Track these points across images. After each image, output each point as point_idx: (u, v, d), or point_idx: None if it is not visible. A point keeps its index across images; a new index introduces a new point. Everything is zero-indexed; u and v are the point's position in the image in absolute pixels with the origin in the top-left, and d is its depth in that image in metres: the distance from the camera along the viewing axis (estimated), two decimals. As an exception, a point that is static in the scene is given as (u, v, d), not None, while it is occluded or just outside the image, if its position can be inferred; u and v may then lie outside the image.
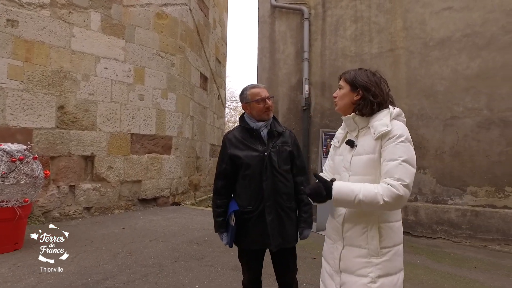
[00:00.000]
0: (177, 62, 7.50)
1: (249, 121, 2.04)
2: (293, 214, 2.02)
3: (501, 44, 4.52)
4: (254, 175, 1.94)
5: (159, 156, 7.11)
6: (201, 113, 9.13)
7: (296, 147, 2.08)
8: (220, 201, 2.03)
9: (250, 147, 1.98)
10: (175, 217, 6.03)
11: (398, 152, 1.36)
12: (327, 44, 5.96)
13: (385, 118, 1.45)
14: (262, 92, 2.01)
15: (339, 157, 1.60)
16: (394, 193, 1.31)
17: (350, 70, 1.60)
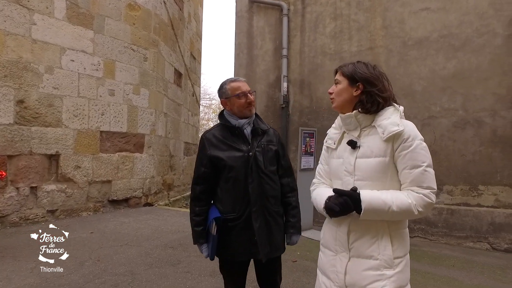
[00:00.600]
0: (150, 57, 7.15)
1: (230, 118, 1.86)
2: (281, 219, 1.87)
3: (475, 46, 4.61)
4: (238, 178, 1.76)
5: (130, 155, 6.76)
6: (175, 110, 8.81)
7: (281, 146, 1.93)
8: (199, 208, 1.83)
9: (233, 147, 1.79)
10: (148, 219, 5.74)
11: (420, 157, 1.28)
12: (306, 41, 5.87)
13: (394, 116, 1.33)
14: (243, 86, 1.83)
15: (337, 160, 1.46)
16: (427, 202, 1.26)
17: (347, 63, 1.47)
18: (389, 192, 1.28)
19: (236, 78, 1.89)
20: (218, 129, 1.87)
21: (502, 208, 4.42)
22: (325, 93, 5.68)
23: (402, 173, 1.29)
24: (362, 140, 1.37)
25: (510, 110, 4.41)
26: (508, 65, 4.45)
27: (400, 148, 1.28)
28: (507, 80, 4.45)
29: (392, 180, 1.31)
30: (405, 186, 1.29)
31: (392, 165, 1.31)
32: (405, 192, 1.28)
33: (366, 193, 1.28)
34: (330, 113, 5.63)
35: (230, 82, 1.87)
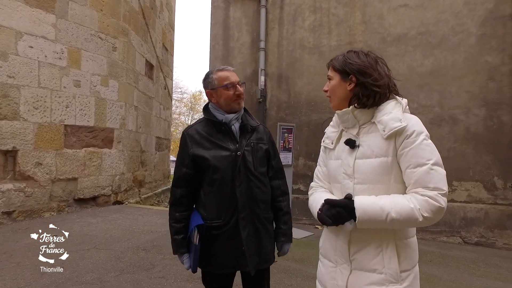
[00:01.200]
0: (120, 46, 6.73)
1: (216, 112, 1.66)
2: (271, 226, 1.70)
3: (451, 44, 4.67)
4: (224, 180, 1.57)
5: (99, 150, 6.35)
6: (147, 103, 8.41)
7: (272, 145, 1.75)
8: (179, 213, 1.62)
9: (219, 145, 1.60)
10: (118, 219, 5.41)
11: (424, 154, 1.11)
12: (285, 34, 5.73)
13: (395, 110, 1.19)
14: (232, 76, 1.64)
15: (335, 162, 1.32)
16: (435, 206, 1.07)
17: (338, 56, 1.32)
18: (389, 197, 1.14)
19: (225, 67, 1.69)
20: (202, 124, 1.67)
21: (474, 203, 4.54)
22: (303, 88, 5.59)
23: (405, 173, 1.14)
24: (361, 139, 1.24)
25: (482, 108, 4.52)
26: (481, 64, 4.56)
27: (403, 145, 1.13)
28: (479, 79, 4.55)
29: (396, 182, 1.17)
30: (410, 188, 1.14)
31: (395, 165, 1.17)
32: (408, 195, 1.13)
33: (361, 200, 1.15)
34: (308, 108, 5.56)
35: (218, 71, 1.67)
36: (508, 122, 4.41)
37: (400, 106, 1.21)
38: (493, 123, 4.45)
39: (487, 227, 4.46)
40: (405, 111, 1.22)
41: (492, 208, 4.44)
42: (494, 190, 4.44)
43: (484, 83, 4.51)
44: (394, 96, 1.25)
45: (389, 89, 1.24)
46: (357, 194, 1.21)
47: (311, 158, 5.50)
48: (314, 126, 5.50)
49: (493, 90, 4.48)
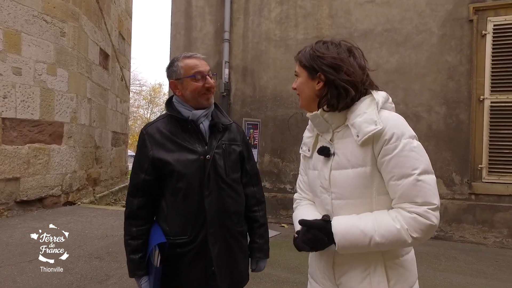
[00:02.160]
0: (69, 32, 6.11)
1: (181, 107, 1.41)
2: (245, 240, 1.49)
3: (415, 42, 4.74)
4: (191, 189, 1.34)
5: (45, 147, 5.75)
6: (101, 95, 7.80)
7: (246, 146, 1.53)
8: (137, 228, 1.37)
9: (184, 147, 1.36)
10: (68, 222, 4.93)
11: (408, 162, 0.94)
12: (250, 26, 5.51)
13: (370, 110, 1.00)
14: (201, 65, 1.39)
15: (313, 172, 1.14)
16: (425, 225, 0.92)
17: (306, 48, 1.11)
18: (371, 216, 0.98)
19: (193, 54, 1.44)
20: (165, 121, 1.42)
21: (434, 198, 4.68)
22: (269, 82, 5.42)
23: (389, 185, 0.98)
24: (336, 146, 1.06)
25: (443, 106, 4.64)
26: (442, 63, 4.67)
27: (382, 152, 0.96)
28: (440, 78, 4.66)
29: (380, 194, 1.01)
30: (394, 203, 0.98)
31: (377, 175, 1.00)
32: (393, 212, 0.97)
33: (340, 223, 0.98)
34: (274, 103, 5.41)
35: (185, 58, 1.41)
36: (465, 120, 4.56)
37: (374, 104, 1.02)
38: (452, 121, 4.59)
39: (446, 221, 4.62)
40: (383, 108, 1.04)
41: (450, 203, 4.60)
42: (452, 186, 4.59)
43: (445, 82, 4.63)
44: (370, 91, 1.06)
45: (364, 85, 1.06)
46: (336, 211, 1.04)
47: (277, 154, 5.38)
48: (280, 122, 5.37)
49: (452, 89, 4.61)
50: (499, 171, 4.45)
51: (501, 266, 3.77)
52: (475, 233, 4.51)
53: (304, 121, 5.19)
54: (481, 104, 4.49)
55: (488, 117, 4.47)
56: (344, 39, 1.11)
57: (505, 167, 4.42)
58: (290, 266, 3.48)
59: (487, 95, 4.47)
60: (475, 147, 4.50)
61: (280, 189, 5.32)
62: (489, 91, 4.47)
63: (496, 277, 3.44)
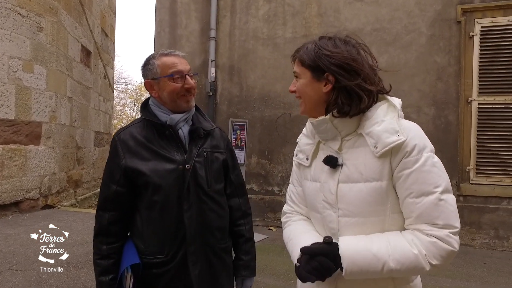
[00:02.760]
0: (47, 27, 5.83)
1: (158, 111, 1.27)
2: (229, 257, 1.36)
3: (404, 42, 4.69)
4: (168, 203, 1.21)
5: (22, 148, 5.47)
6: (83, 94, 7.52)
7: (230, 154, 1.40)
8: (107, 246, 1.24)
9: (161, 156, 1.22)
10: (46, 227, 4.67)
11: (430, 179, 0.85)
12: (237, 23, 5.37)
13: (389, 117, 0.91)
14: (180, 64, 1.25)
15: (313, 184, 1.02)
16: (446, 251, 0.82)
17: (306, 45, 0.99)
18: (384, 238, 0.87)
19: (171, 51, 1.29)
20: (140, 126, 1.28)
21: (423, 200, 4.65)
22: (256, 81, 5.29)
23: (405, 202, 0.88)
24: (345, 156, 0.95)
25: (432, 107, 4.61)
26: (430, 64, 4.64)
27: (402, 165, 0.87)
28: (429, 78, 4.63)
29: (394, 212, 0.90)
30: (410, 223, 0.88)
31: (392, 191, 0.90)
32: (409, 234, 0.86)
33: (348, 245, 0.87)
34: (261, 103, 5.28)
35: (162, 55, 1.27)
36: (453, 121, 4.54)
37: (395, 110, 0.93)
38: (441, 122, 4.56)
39: (434, 223, 4.60)
40: (399, 116, 0.94)
41: (439, 204, 4.58)
42: (441, 187, 4.57)
43: (434, 82, 4.60)
44: (384, 95, 0.97)
45: (378, 86, 0.95)
46: (342, 229, 0.92)
47: (265, 156, 5.26)
48: (267, 122, 5.25)
49: (441, 90, 4.59)
50: (486, 173, 4.45)
51: (489, 268, 3.76)
52: (463, 234, 4.50)
53: (293, 122, 5.08)
54: (469, 105, 4.48)
55: (476, 118, 4.46)
56: (349, 34, 0.98)
57: (492, 169, 4.42)
58: (278, 272, 3.37)
59: (475, 96, 4.46)
60: (463, 148, 4.49)
61: (267, 191, 5.21)
62: (477, 93, 4.46)
63: (485, 280, 3.43)
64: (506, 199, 4.39)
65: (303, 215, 1.11)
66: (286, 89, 5.25)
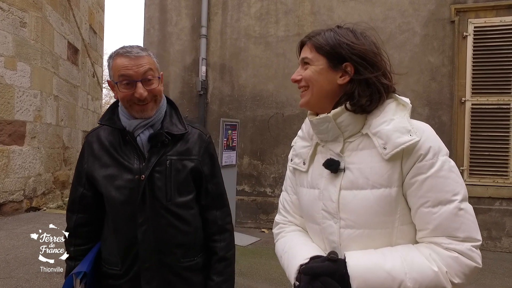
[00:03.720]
0: (31, 22, 5.62)
1: (122, 114, 1.16)
2: (197, 277, 1.20)
3: (398, 42, 4.64)
4: (120, 215, 1.12)
5: (4, 148, 5.27)
6: (70, 93, 7.31)
7: (208, 160, 1.22)
8: (75, 248, 1.21)
9: (120, 163, 1.13)
10: (29, 231, 4.50)
11: (448, 185, 0.76)
12: (229, 21, 5.25)
13: (398, 116, 0.82)
14: (132, 66, 1.07)
15: (310, 192, 0.92)
16: (469, 267, 0.74)
17: (321, 31, 0.90)
18: (397, 253, 0.77)
19: (127, 51, 1.09)
20: (108, 129, 1.18)
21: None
22: (248, 80, 5.18)
23: (418, 213, 0.79)
24: (348, 160, 0.85)
25: (426, 107, 4.57)
26: (424, 64, 4.60)
27: (415, 170, 0.78)
28: (423, 78, 4.59)
29: (403, 224, 0.81)
30: (424, 236, 0.79)
31: (402, 199, 0.81)
32: (426, 249, 0.77)
33: (358, 261, 0.77)
34: (253, 102, 5.18)
35: (116, 55, 1.11)
36: (447, 121, 4.51)
37: (405, 109, 0.84)
38: (435, 122, 4.53)
39: (428, 225, 4.57)
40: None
41: (432, 206, 4.55)
42: (434, 188, 4.54)
43: (427, 83, 4.57)
44: (392, 94, 0.88)
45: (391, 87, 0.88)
46: (345, 243, 0.82)
47: (257, 156, 5.16)
48: (259, 122, 5.15)
49: (435, 90, 4.55)
50: (479, 173, 4.43)
51: (483, 270, 3.70)
52: (456, 236, 4.48)
53: (285, 122, 4.99)
54: (462, 106, 4.45)
55: (470, 119, 4.44)
56: (365, 30, 0.90)
57: (485, 169, 4.41)
58: (271, 277, 3.27)
59: (468, 97, 4.44)
60: (456, 149, 4.46)
61: (260, 193, 5.10)
62: (470, 93, 4.43)
63: (480, 282, 3.39)
64: (498, 199, 4.37)
65: (297, 225, 1.01)
66: (279, 89, 5.17)
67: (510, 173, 4.34)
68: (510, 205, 4.35)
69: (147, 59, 1.10)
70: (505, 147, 4.33)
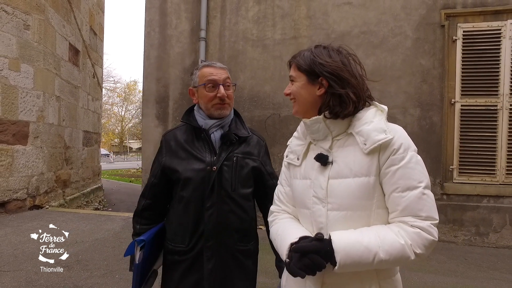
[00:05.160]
0: (34, 25, 5.76)
1: (198, 115, 1.40)
2: (249, 260, 1.41)
3: (391, 45, 4.81)
4: (192, 199, 1.33)
5: (8, 148, 5.41)
6: (71, 93, 7.45)
7: (268, 160, 1.49)
8: (140, 226, 1.45)
9: (194, 156, 1.36)
10: (34, 228, 4.65)
11: (415, 175, 0.94)
12: (227, 24, 5.40)
13: (377, 119, 1.00)
14: (217, 73, 1.37)
15: (302, 182, 1.08)
16: (428, 240, 0.91)
17: (302, 52, 1.08)
18: (372, 231, 0.94)
19: (212, 63, 1.42)
20: (183, 129, 1.43)
21: (408, 198, 4.78)
22: (246, 82, 5.34)
23: (390, 197, 0.96)
24: (335, 154, 1.03)
25: (417, 108, 4.74)
26: (416, 66, 4.77)
27: (389, 162, 0.95)
28: (415, 80, 4.76)
29: (379, 208, 0.98)
30: (395, 216, 0.96)
31: (378, 187, 0.98)
32: (395, 227, 0.94)
33: (341, 239, 0.93)
34: (251, 103, 5.34)
35: (203, 66, 1.41)
36: (438, 122, 4.68)
37: (382, 114, 1.02)
38: (426, 123, 4.70)
39: (419, 221, 4.73)
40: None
41: (423, 203, 4.72)
42: (425, 186, 4.71)
43: (419, 84, 4.73)
44: (374, 102, 1.06)
45: (366, 92, 1.05)
46: (331, 223, 0.99)
47: (255, 155, 5.31)
48: (257, 123, 5.30)
49: (426, 92, 4.72)
50: (468, 172, 4.61)
51: (469, 264, 3.91)
52: (447, 232, 4.65)
53: (282, 122, 5.16)
54: (452, 107, 4.63)
55: (459, 119, 4.61)
56: (341, 45, 1.08)
57: (474, 168, 4.58)
58: (268, 270, 3.42)
59: (458, 98, 4.61)
60: (447, 148, 4.63)
61: (257, 191, 5.26)
62: (460, 95, 4.61)
63: (466, 275, 3.56)
64: (486, 197, 4.55)
65: (290, 214, 1.17)
66: (275, 90, 5.34)
67: (497, 172, 4.52)
68: (497, 202, 4.53)
69: (226, 71, 1.42)
70: (492, 147, 4.51)
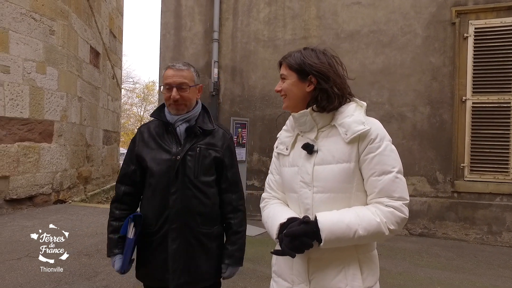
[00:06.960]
0: (59, 30, 6.11)
1: (167, 112, 1.56)
2: (213, 243, 1.54)
3: (400, 44, 4.84)
4: (158, 186, 1.48)
5: (35, 145, 5.76)
6: (92, 94, 7.81)
7: (229, 153, 1.59)
8: (120, 211, 1.55)
9: (162, 147, 1.51)
10: (58, 220, 4.97)
11: (390, 161, 1.08)
12: (239, 26, 5.57)
13: (357, 113, 1.13)
14: (172, 77, 1.48)
15: (290, 169, 1.22)
16: (400, 217, 1.05)
17: (292, 53, 1.22)
18: (352, 211, 1.07)
19: (173, 65, 1.54)
20: (156, 122, 1.59)
21: (418, 196, 4.80)
22: (257, 82, 5.49)
23: (368, 181, 1.09)
24: (320, 143, 1.16)
25: (427, 106, 4.75)
26: (426, 64, 4.77)
27: (367, 150, 1.08)
28: (424, 78, 4.77)
29: (358, 190, 1.12)
30: (372, 197, 1.09)
31: (358, 172, 1.11)
32: (372, 207, 1.08)
33: (325, 219, 1.05)
34: (262, 102, 5.48)
35: (166, 68, 1.54)
36: (448, 120, 4.68)
37: (362, 108, 1.16)
38: (436, 121, 4.71)
39: (429, 219, 4.75)
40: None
41: (434, 200, 4.73)
42: (436, 184, 4.72)
43: (429, 82, 4.74)
44: (354, 98, 1.19)
45: (347, 91, 1.19)
46: (317, 204, 1.13)
47: (265, 153, 5.46)
48: (268, 121, 5.44)
49: (436, 90, 4.73)
50: (480, 170, 4.58)
51: (479, 261, 3.90)
52: (457, 230, 4.64)
53: (292, 121, 5.27)
54: (463, 104, 4.62)
55: (470, 117, 4.59)
56: (326, 48, 1.22)
57: (486, 166, 4.55)
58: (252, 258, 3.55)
59: (469, 96, 4.59)
60: (457, 146, 4.63)
61: (268, 187, 5.39)
62: (471, 92, 4.59)
63: (474, 272, 3.57)
64: (499, 195, 4.52)
65: (279, 199, 1.31)
66: (287, 89, 5.42)
67: (510, 170, 4.47)
68: (510, 200, 4.48)
69: (185, 71, 1.50)
70: (505, 144, 4.47)
